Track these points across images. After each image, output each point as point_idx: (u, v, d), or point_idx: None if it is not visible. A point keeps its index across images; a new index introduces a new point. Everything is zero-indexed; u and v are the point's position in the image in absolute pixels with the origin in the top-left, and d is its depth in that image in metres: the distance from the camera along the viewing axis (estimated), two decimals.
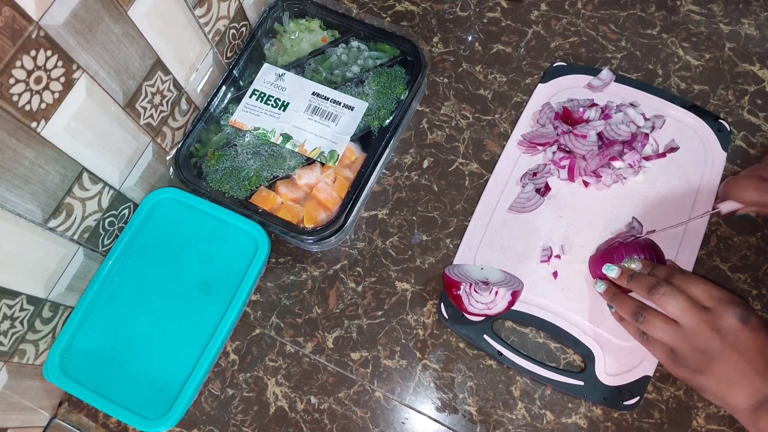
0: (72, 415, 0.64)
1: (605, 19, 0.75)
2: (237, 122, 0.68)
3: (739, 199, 0.58)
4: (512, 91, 0.72)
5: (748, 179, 0.57)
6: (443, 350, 0.63)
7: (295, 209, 0.65)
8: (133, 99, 0.59)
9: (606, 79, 0.69)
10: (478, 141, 0.70)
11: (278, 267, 0.68)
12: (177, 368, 0.60)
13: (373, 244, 0.67)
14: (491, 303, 0.58)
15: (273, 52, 0.74)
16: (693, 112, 0.67)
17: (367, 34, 0.71)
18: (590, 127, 0.65)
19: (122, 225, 0.66)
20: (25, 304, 0.56)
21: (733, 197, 0.58)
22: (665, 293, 0.52)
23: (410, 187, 0.69)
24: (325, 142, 0.67)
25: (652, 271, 0.56)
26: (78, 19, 0.49)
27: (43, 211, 0.54)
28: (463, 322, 0.62)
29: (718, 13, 0.74)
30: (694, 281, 0.52)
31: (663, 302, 0.52)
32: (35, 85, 0.48)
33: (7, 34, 0.44)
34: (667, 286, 0.52)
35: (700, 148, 0.66)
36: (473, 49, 0.75)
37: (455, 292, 0.58)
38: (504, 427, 0.60)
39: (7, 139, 0.47)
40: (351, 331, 0.64)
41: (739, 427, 0.58)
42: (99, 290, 0.63)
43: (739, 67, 0.71)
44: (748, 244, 0.64)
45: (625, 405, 0.58)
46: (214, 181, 0.66)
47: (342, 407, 0.62)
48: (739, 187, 0.57)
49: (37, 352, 0.61)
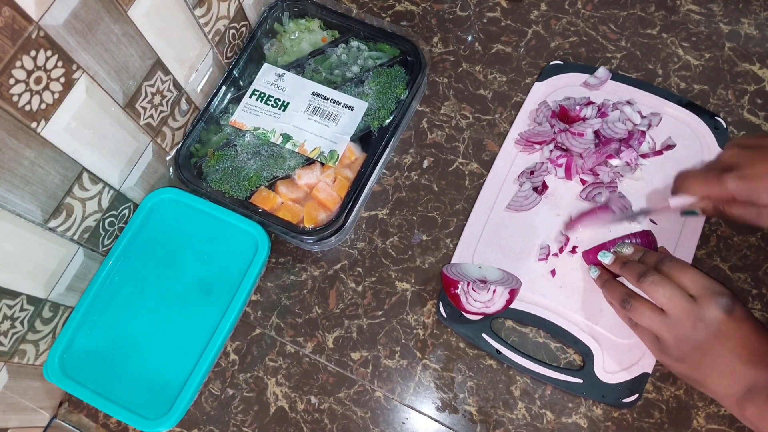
0: (72, 416, 0.64)
1: (605, 18, 0.75)
2: (237, 122, 0.68)
3: (686, 191, 0.56)
4: (512, 90, 0.72)
5: (697, 171, 0.56)
6: (443, 350, 0.63)
7: (295, 209, 0.65)
8: (133, 99, 0.59)
9: (602, 77, 0.69)
10: (478, 141, 0.70)
11: (278, 267, 0.68)
12: (177, 368, 0.60)
13: (373, 244, 0.67)
14: (489, 302, 0.58)
15: (273, 52, 0.74)
16: (689, 110, 0.67)
17: (367, 34, 0.71)
18: (587, 125, 0.65)
19: (122, 225, 0.66)
20: (25, 305, 0.56)
21: (681, 189, 0.57)
22: (653, 282, 0.52)
23: (410, 187, 0.69)
24: (325, 142, 0.67)
25: (643, 257, 0.56)
26: (78, 19, 0.49)
27: (43, 211, 0.54)
28: (461, 321, 0.62)
29: (718, 13, 0.74)
30: (683, 269, 0.53)
31: (650, 290, 0.52)
32: (35, 85, 0.48)
33: (7, 34, 0.44)
34: (656, 274, 0.53)
35: (696, 145, 0.66)
36: (473, 49, 0.75)
37: (453, 290, 0.58)
38: (504, 426, 0.60)
39: (7, 139, 0.47)
40: (351, 331, 0.64)
41: (740, 426, 0.58)
42: (99, 290, 0.63)
43: (739, 67, 0.71)
44: (748, 243, 0.64)
45: (624, 403, 0.58)
46: (214, 181, 0.66)
47: (342, 407, 0.62)
48: (687, 179, 0.56)
49: (38, 353, 0.61)
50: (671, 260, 0.54)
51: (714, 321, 0.50)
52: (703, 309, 0.50)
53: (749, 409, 0.48)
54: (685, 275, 0.52)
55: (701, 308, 0.50)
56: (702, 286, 0.51)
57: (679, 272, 0.53)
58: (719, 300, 0.50)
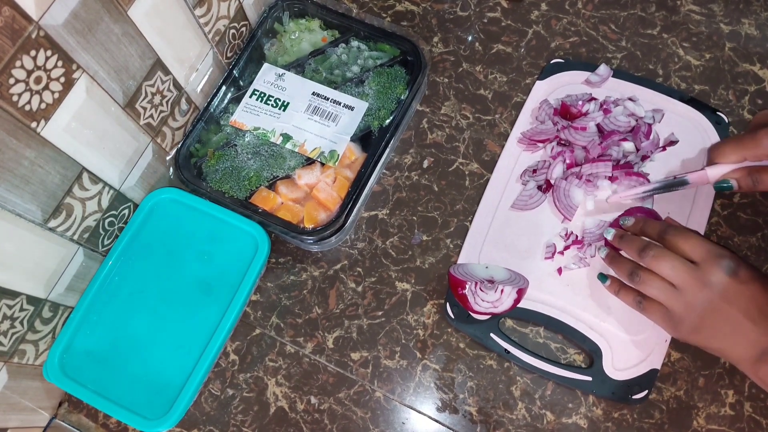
0: (72, 416, 0.64)
1: (605, 18, 0.75)
2: (237, 122, 0.68)
3: (721, 158, 0.56)
4: (512, 91, 0.72)
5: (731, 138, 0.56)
6: (443, 350, 0.63)
7: (295, 209, 0.65)
8: (133, 99, 0.59)
9: (604, 74, 0.69)
10: (479, 141, 0.70)
11: (278, 267, 0.68)
12: (177, 368, 0.60)
13: (373, 244, 0.67)
14: (497, 301, 0.58)
15: (273, 52, 0.74)
16: (691, 106, 0.67)
17: (367, 34, 0.71)
18: (589, 118, 0.66)
19: (122, 225, 0.66)
20: (25, 305, 0.56)
21: (716, 158, 0.57)
22: (654, 256, 0.52)
23: (410, 187, 0.69)
24: (325, 142, 0.67)
25: (644, 226, 0.56)
26: (78, 19, 0.49)
27: (43, 211, 0.54)
28: (469, 321, 0.62)
29: (719, 13, 0.74)
30: (684, 237, 0.52)
31: (653, 264, 0.53)
32: (35, 85, 0.48)
33: (7, 34, 0.44)
34: (656, 247, 0.53)
35: (699, 140, 0.66)
36: (473, 48, 0.75)
37: (461, 291, 0.58)
38: (504, 427, 0.60)
39: (7, 139, 0.47)
40: (351, 331, 0.64)
41: (741, 426, 0.58)
42: (99, 290, 0.63)
43: (740, 67, 0.71)
44: (748, 244, 0.64)
45: (633, 399, 0.58)
46: (214, 181, 0.66)
47: (342, 407, 0.62)
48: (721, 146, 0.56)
49: (37, 353, 0.61)
50: (671, 229, 0.54)
51: (719, 284, 0.50)
52: (707, 274, 0.50)
53: (763, 370, 0.49)
54: (686, 242, 0.52)
55: (705, 273, 0.50)
56: (704, 251, 0.51)
57: (679, 240, 0.52)
58: (722, 263, 0.50)
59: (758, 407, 0.58)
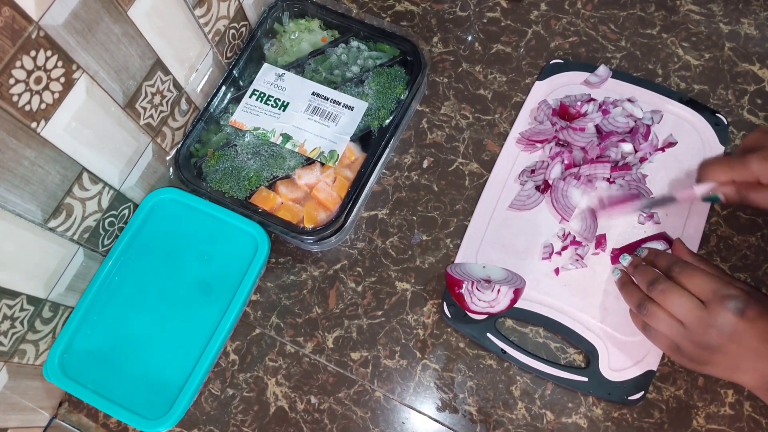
0: (72, 416, 0.64)
1: (605, 18, 0.75)
2: (237, 122, 0.68)
3: (710, 177, 0.56)
4: (512, 91, 0.72)
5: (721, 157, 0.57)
6: (443, 350, 0.63)
7: (295, 209, 0.65)
8: (133, 99, 0.59)
9: (603, 75, 0.69)
10: (478, 141, 0.70)
11: (278, 267, 0.68)
12: (177, 368, 0.60)
13: (373, 244, 0.67)
14: (493, 301, 0.58)
15: (273, 52, 0.74)
16: (690, 107, 0.67)
17: (367, 34, 0.71)
18: (588, 119, 0.66)
19: (122, 225, 0.66)
20: (25, 305, 0.56)
21: (705, 177, 0.57)
22: (662, 290, 0.52)
23: (410, 187, 0.69)
24: (325, 142, 0.67)
25: (655, 260, 0.56)
26: (78, 19, 0.49)
27: (43, 211, 0.54)
28: (466, 320, 0.62)
29: (718, 13, 0.74)
30: (691, 274, 0.52)
31: (660, 299, 0.52)
32: (35, 85, 0.48)
33: (7, 34, 0.44)
34: (665, 282, 0.53)
35: (698, 142, 0.66)
36: (473, 49, 0.75)
37: (457, 290, 0.58)
38: (504, 426, 0.60)
39: (7, 139, 0.47)
40: (351, 331, 0.64)
41: (740, 426, 0.58)
42: (99, 290, 0.63)
43: (739, 67, 0.71)
44: (748, 244, 0.64)
45: (629, 400, 0.58)
46: (214, 181, 0.66)
47: (342, 407, 0.62)
48: (711, 165, 0.57)
49: (37, 353, 0.61)
50: (682, 264, 0.53)
51: (727, 325, 0.49)
52: (714, 315, 0.50)
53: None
54: (692, 281, 0.52)
55: (712, 315, 0.50)
56: (710, 291, 0.50)
57: (687, 278, 0.52)
58: (729, 303, 0.49)
59: (758, 407, 0.58)
